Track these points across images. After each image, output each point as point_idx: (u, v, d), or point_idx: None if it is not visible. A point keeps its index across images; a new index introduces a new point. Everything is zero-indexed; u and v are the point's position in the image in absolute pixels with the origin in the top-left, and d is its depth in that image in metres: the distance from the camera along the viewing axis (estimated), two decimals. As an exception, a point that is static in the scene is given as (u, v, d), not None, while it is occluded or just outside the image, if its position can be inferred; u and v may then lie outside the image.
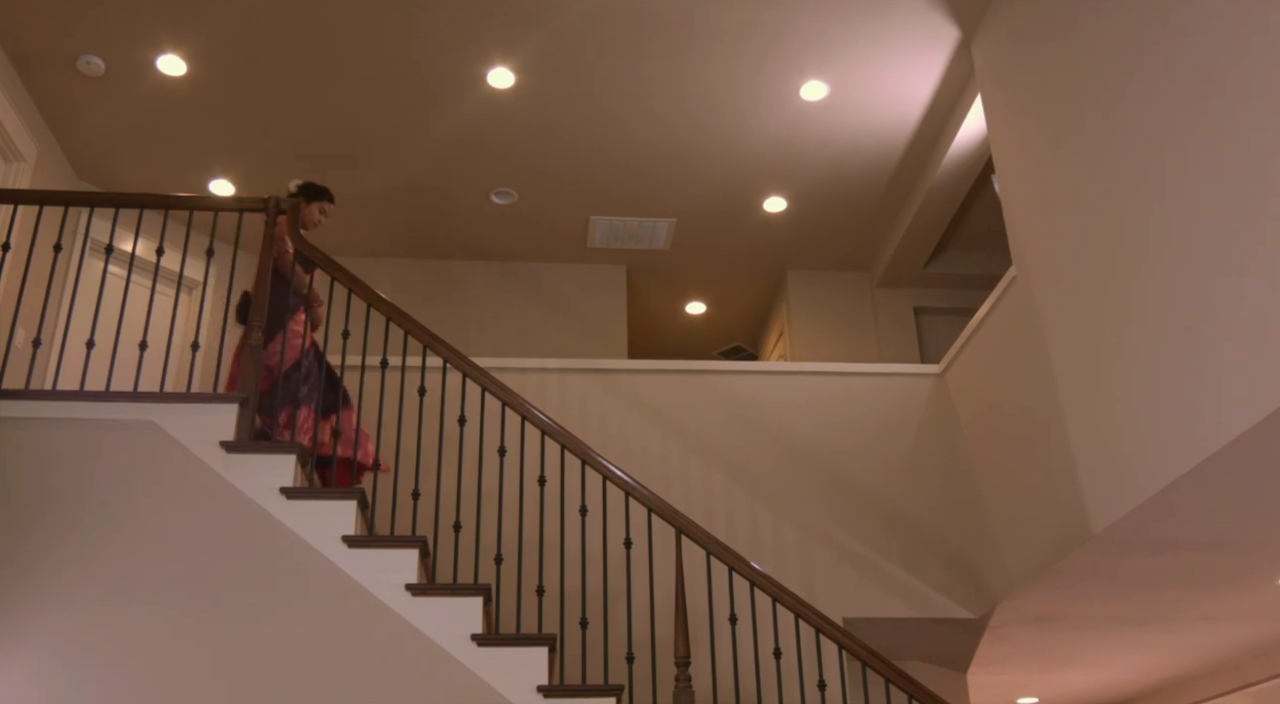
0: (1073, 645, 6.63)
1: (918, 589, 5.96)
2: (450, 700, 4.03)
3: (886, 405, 6.41)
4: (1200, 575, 5.29)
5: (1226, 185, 3.91)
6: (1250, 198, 3.78)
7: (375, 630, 4.09)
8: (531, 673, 4.13)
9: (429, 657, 4.08)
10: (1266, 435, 3.84)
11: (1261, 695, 6.86)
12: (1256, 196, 3.75)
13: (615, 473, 4.59)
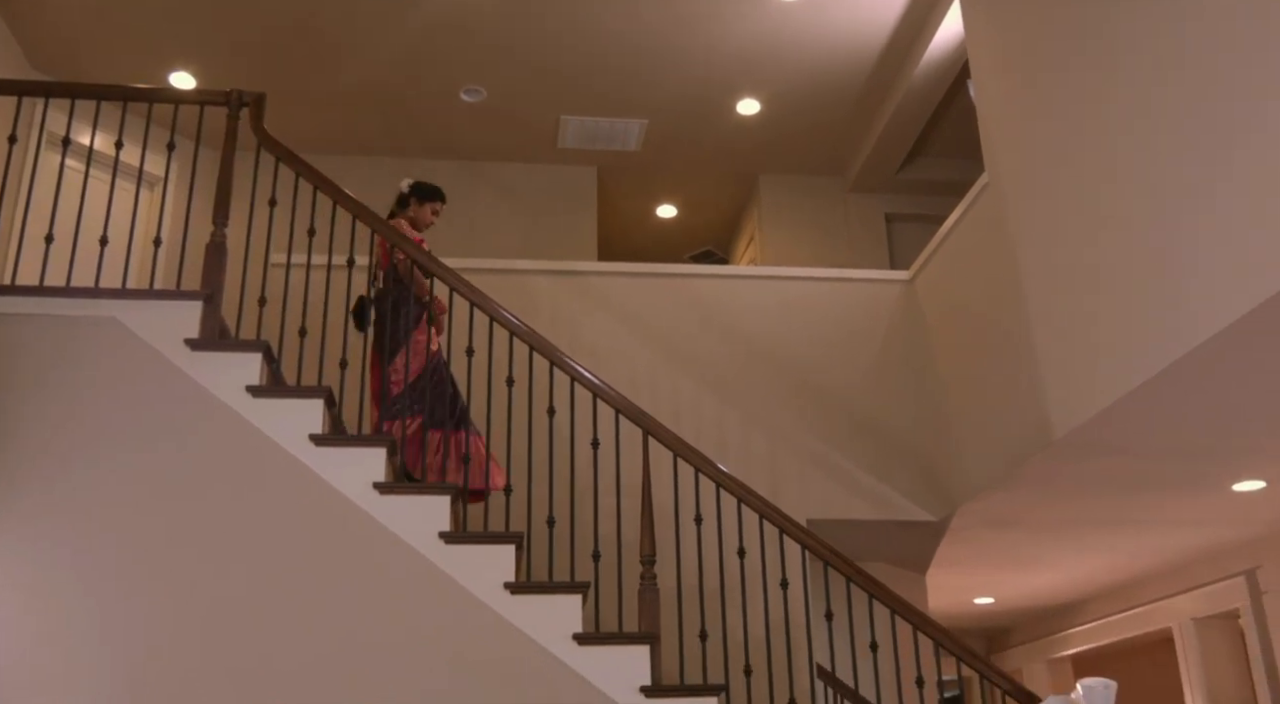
0: (1029, 548, 6.79)
1: (881, 492, 6.05)
2: (415, 596, 4.08)
3: (855, 310, 6.43)
4: (1157, 481, 5.41)
5: (1200, 97, 3.89)
6: (1222, 109, 3.77)
7: (343, 528, 4.12)
8: (499, 570, 4.18)
9: (395, 553, 4.11)
10: (1225, 346, 3.89)
11: (1209, 597, 7.07)
12: (1228, 108, 3.73)
13: (583, 374, 4.59)
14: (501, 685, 4.01)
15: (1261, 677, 6.52)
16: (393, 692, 3.93)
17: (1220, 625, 7.22)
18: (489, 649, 4.04)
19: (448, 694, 3.96)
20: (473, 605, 4.08)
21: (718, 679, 4.35)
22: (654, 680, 4.11)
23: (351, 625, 4.00)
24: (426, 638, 4.03)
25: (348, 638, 3.98)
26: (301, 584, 4.01)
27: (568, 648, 4.08)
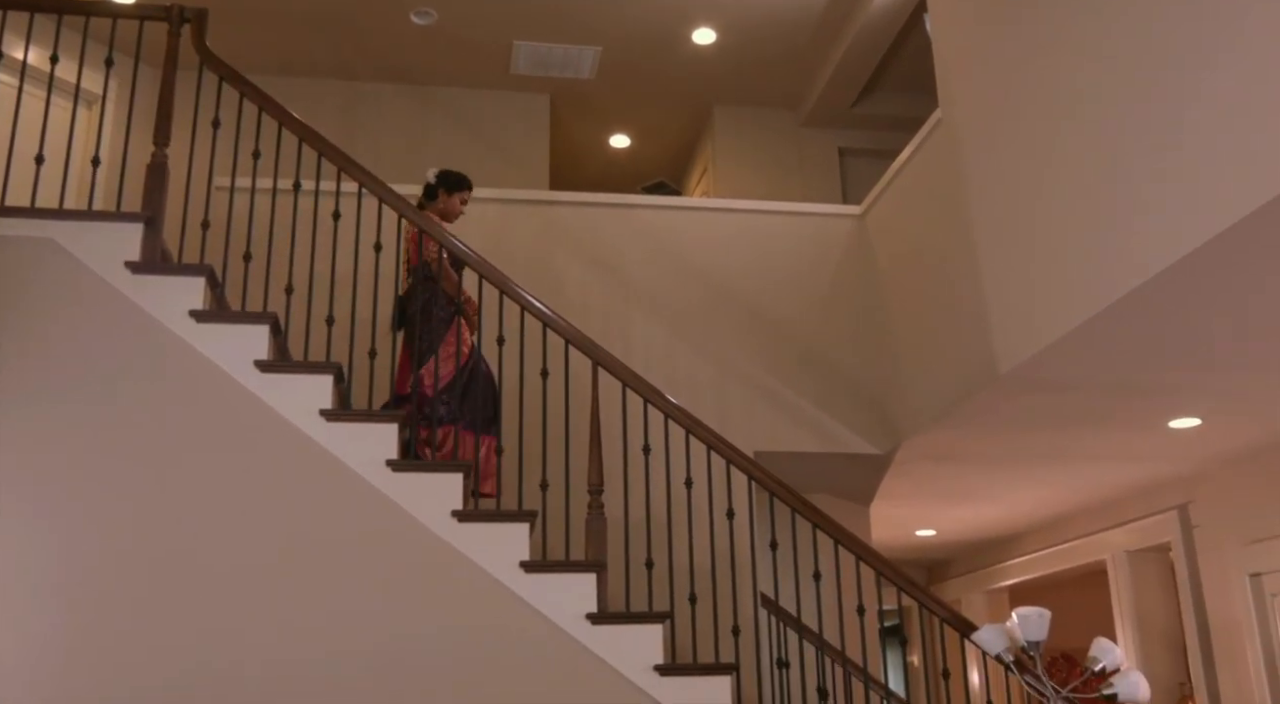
0: (970, 482, 6.92)
1: (827, 425, 6.12)
2: (363, 520, 4.08)
3: (806, 245, 6.44)
4: (1095, 417, 5.51)
5: (1154, 39, 3.90)
6: (1174, 53, 3.78)
7: (289, 453, 4.09)
8: (446, 499, 4.18)
9: (340, 479, 4.10)
10: (1165, 285, 3.95)
11: (1142, 531, 7.26)
12: (1180, 52, 3.74)
13: (533, 303, 4.57)
14: (448, 610, 4.04)
15: (1189, 607, 6.73)
16: (335, 607, 3.94)
17: (1151, 558, 7.44)
18: (438, 576, 4.06)
19: (391, 615, 3.98)
20: (420, 533, 4.09)
21: (663, 607, 4.40)
22: (600, 607, 4.16)
23: (289, 531, 3.99)
24: (373, 561, 4.04)
25: (285, 549, 3.98)
26: (238, 501, 3.99)
27: (515, 575, 4.11)
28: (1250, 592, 6.18)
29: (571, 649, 4.07)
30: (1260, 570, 6.14)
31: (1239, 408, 5.41)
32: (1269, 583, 6.09)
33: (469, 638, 4.03)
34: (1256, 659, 6.09)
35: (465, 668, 3.99)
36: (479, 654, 4.01)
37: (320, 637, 3.91)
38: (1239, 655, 6.27)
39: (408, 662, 3.97)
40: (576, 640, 4.08)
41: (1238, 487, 6.37)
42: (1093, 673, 4.42)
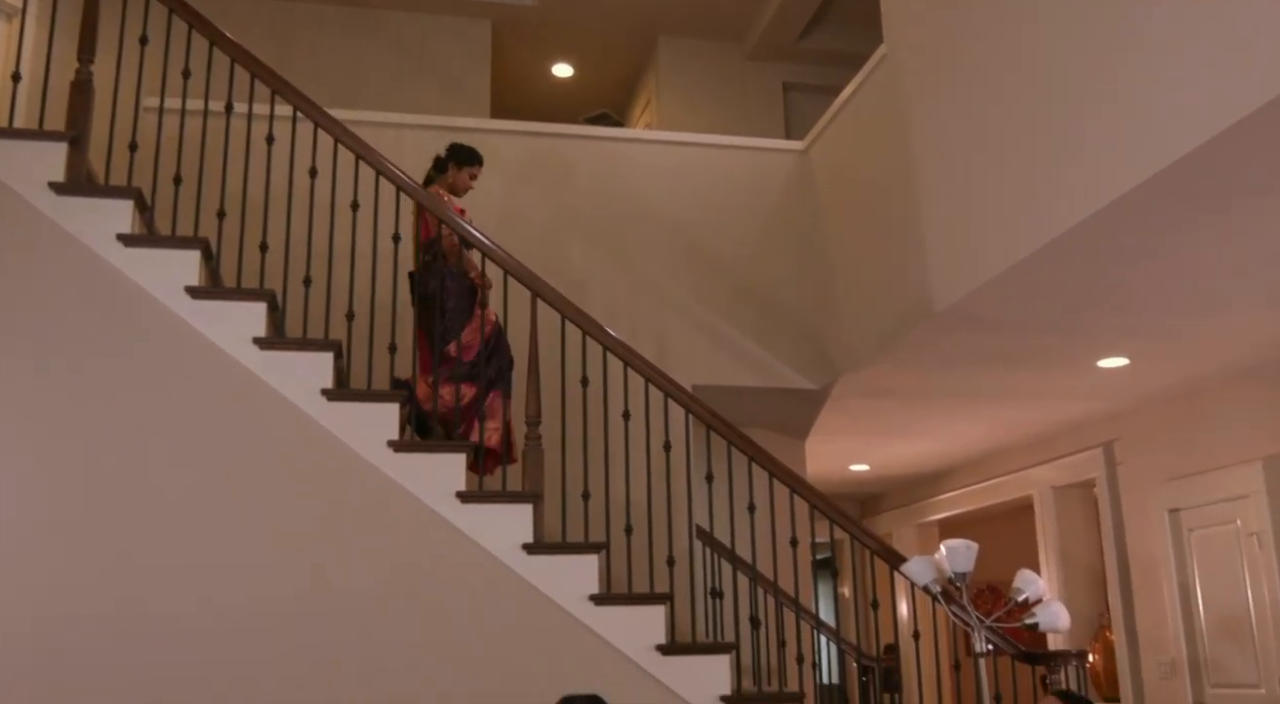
0: (904, 417, 7.02)
1: (765, 360, 6.16)
2: (297, 450, 4.05)
3: (749, 179, 6.42)
4: (1027, 355, 5.60)
5: (1099, -30, 3.90)
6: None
7: (219, 380, 4.04)
8: (383, 427, 4.16)
9: (276, 411, 4.06)
10: (1099, 226, 4.00)
11: (1068, 467, 7.44)
12: (1126, -17, 3.76)
13: (473, 233, 4.52)
14: (384, 539, 4.04)
15: (1110, 542, 6.93)
16: (261, 537, 3.93)
17: (1076, 494, 7.63)
18: (372, 505, 4.06)
19: (328, 544, 3.97)
20: (356, 462, 4.07)
21: (599, 537, 4.44)
22: (536, 537, 4.19)
23: (221, 458, 3.96)
24: (309, 492, 4.02)
25: (211, 469, 3.95)
26: (165, 429, 3.94)
27: (450, 505, 4.12)
28: (1169, 527, 6.37)
29: (507, 578, 4.09)
30: (1179, 506, 6.32)
31: (1165, 349, 5.53)
32: (1187, 518, 6.28)
33: (406, 567, 4.04)
34: (1172, 592, 6.30)
35: (402, 596, 4.00)
36: (415, 583, 4.03)
37: (255, 572, 3.90)
38: (1155, 588, 6.48)
39: (341, 589, 3.97)
40: (512, 570, 4.10)
41: (1160, 425, 6.53)
42: (1016, 603, 4.55)
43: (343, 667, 3.89)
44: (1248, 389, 5.87)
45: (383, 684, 3.90)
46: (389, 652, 3.94)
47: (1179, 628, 6.25)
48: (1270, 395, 5.74)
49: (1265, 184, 3.68)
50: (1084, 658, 4.96)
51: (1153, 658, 6.53)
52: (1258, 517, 5.74)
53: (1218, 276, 4.52)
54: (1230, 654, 5.94)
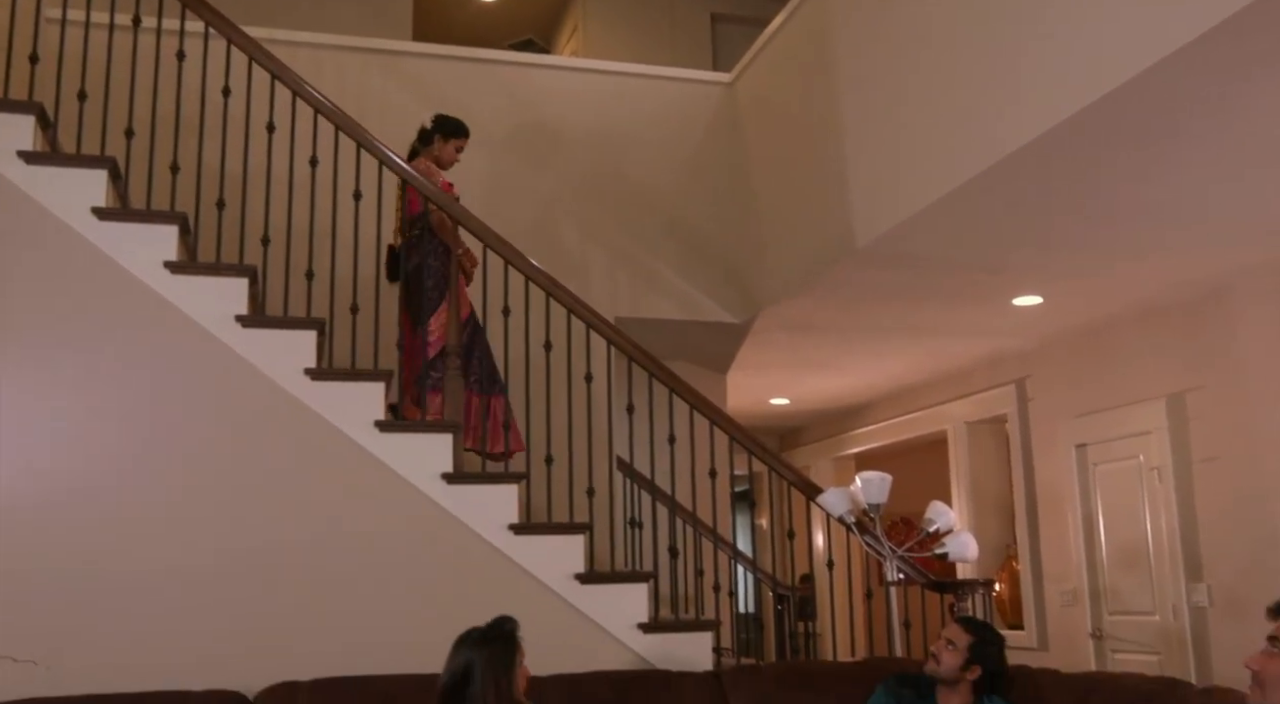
0: (824, 352, 7.10)
1: (688, 293, 6.17)
2: (209, 377, 3.98)
3: (674, 110, 6.37)
4: (945, 292, 5.68)
5: (1027, -94, 3.90)
6: (1047, -79, 3.79)
7: (130, 306, 3.93)
8: (299, 355, 4.09)
9: (188, 335, 3.97)
10: (1018, 164, 4.05)
11: (981, 403, 7.61)
12: (1053, -80, 3.76)
13: (393, 159, 4.43)
14: (303, 467, 4.00)
15: (1019, 475, 7.13)
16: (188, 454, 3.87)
17: (988, 429, 7.81)
18: (289, 432, 4.00)
19: (239, 466, 3.93)
20: (271, 390, 4.00)
21: (519, 468, 4.44)
22: (456, 467, 4.18)
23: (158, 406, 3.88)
24: (227, 421, 3.95)
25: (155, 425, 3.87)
26: (73, 359, 3.84)
27: (370, 435, 4.08)
28: (1075, 461, 6.56)
29: (427, 508, 4.08)
30: (1085, 441, 6.51)
31: (1077, 288, 5.65)
32: (1092, 453, 6.48)
33: (325, 497, 4.00)
34: (1076, 523, 6.52)
35: (324, 524, 3.98)
36: (332, 513, 4.00)
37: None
38: (1060, 520, 6.69)
39: (269, 522, 3.93)
40: (431, 499, 4.09)
41: (1070, 363, 6.70)
42: (927, 533, 4.66)
43: (283, 594, 3.90)
44: (1154, 329, 6.04)
45: (312, 610, 3.90)
46: (314, 579, 3.92)
47: (1081, 558, 6.47)
48: (1175, 335, 5.90)
49: (1180, 126, 3.75)
50: (990, 586, 5.12)
51: (1055, 587, 6.76)
52: (1159, 452, 5.94)
53: (1132, 217, 4.61)
54: (1128, 583, 6.17)
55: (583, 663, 3.97)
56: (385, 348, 4.36)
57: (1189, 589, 5.72)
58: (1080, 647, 6.40)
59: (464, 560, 4.07)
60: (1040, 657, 6.48)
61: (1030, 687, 3.77)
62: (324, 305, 4.31)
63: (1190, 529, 5.76)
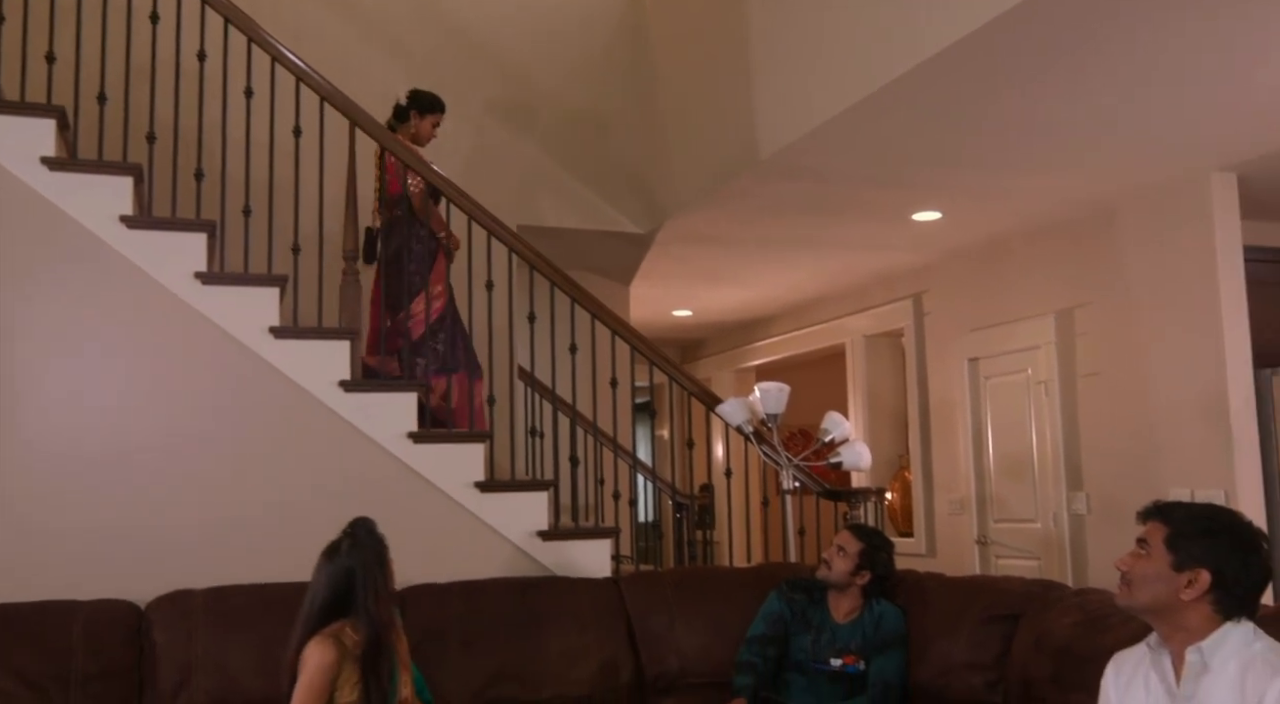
0: (727, 264, 7.13)
1: (592, 202, 6.11)
2: (99, 283, 3.84)
3: (579, 12, 6.23)
4: (846, 206, 5.73)
5: None
6: None
7: (10, 207, 3.76)
8: (189, 259, 3.97)
9: (76, 239, 3.82)
10: (923, 78, 4.06)
11: (879, 317, 7.75)
12: None
13: (286, 55, 4.26)
14: (193, 373, 3.90)
15: (914, 388, 7.31)
16: (69, 380, 3.74)
17: (885, 343, 7.97)
18: (178, 338, 3.90)
19: (124, 365, 3.82)
20: (160, 294, 3.88)
21: (419, 376, 4.39)
22: (353, 375, 4.12)
23: (19, 310, 3.73)
24: (112, 319, 3.83)
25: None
26: None
27: (263, 341, 3.99)
28: (967, 374, 6.74)
29: (324, 416, 4.02)
30: (978, 355, 6.69)
31: (975, 205, 5.74)
32: (984, 367, 6.66)
33: (221, 402, 3.92)
34: (966, 434, 6.72)
35: (228, 431, 3.90)
36: (234, 418, 3.92)
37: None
38: (951, 432, 6.89)
39: (158, 422, 3.84)
40: (328, 407, 4.03)
41: (966, 278, 6.84)
42: (822, 443, 4.76)
43: (176, 500, 3.84)
44: (1046, 246, 6.18)
45: (207, 518, 3.85)
46: (207, 484, 3.86)
47: (970, 468, 6.69)
48: (1066, 253, 6.05)
49: (1078, 45, 3.79)
50: (882, 495, 5.27)
51: (945, 496, 6.99)
52: (1047, 366, 6.13)
53: (1029, 135, 4.68)
54: (1012, 492, 6.41)
55: (483, 570, 4.00)
56: (280, 254, 4.23)
57: (1069, 498, 5.96)
58: (966, 553, 6.65)
59: (364, 469, 4.03)
60: (928, 562, 6.72)
61: (916, 590, 3.90)
62: (214, 207, 4.17)
63: (1072, 441, 5.98)
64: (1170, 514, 2.28)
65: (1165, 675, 2.24)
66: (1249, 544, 2.23)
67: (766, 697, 3.70)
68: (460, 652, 3.66)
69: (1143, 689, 2.27)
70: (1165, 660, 2.25)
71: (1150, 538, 2.26)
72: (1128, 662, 2.36)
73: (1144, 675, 2.29)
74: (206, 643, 3.44)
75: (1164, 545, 2.22)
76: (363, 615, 2.94)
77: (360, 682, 2.92)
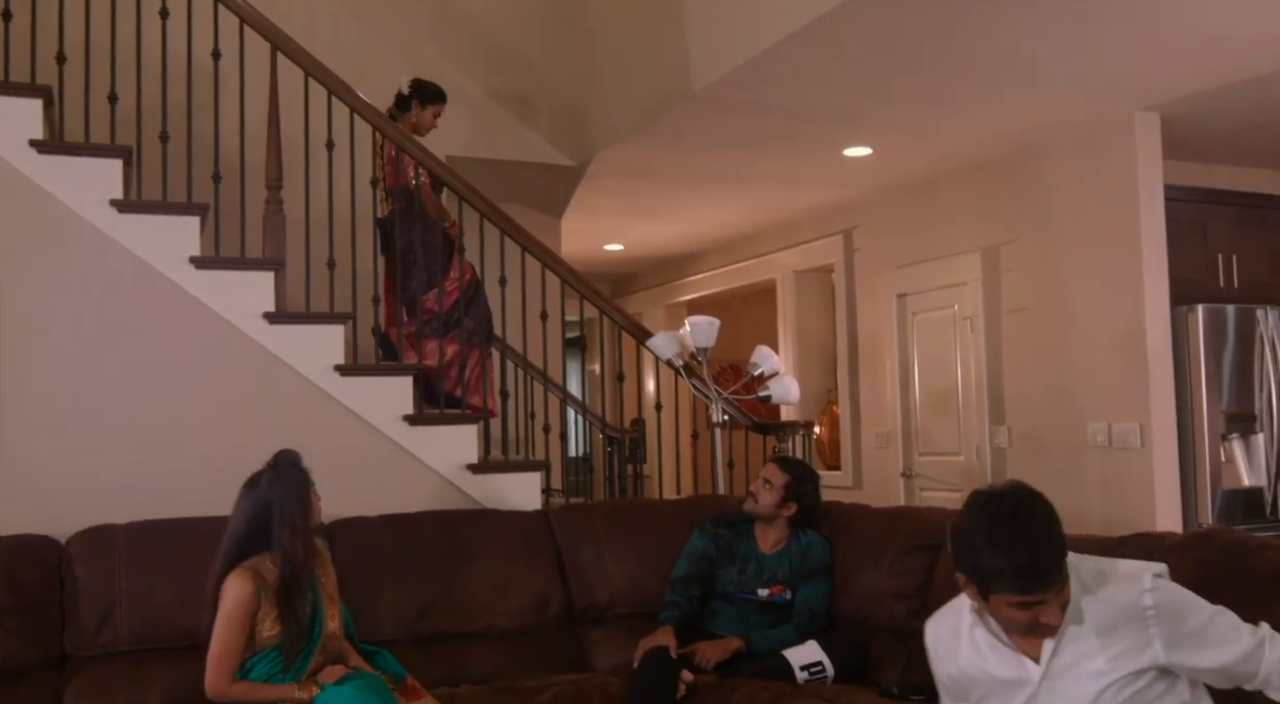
0: (660, 199, 7.09)
1: (522, 134, 6.03)
2: (6, 212, 3.70)
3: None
4: (778, 140, 5.71)
5: None
6: None
7: None
8: (104, 185, 3.84)
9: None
10: (854, 11, 4.03)
11: (809, 252, 7.78)
12: None
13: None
14: (111, 303, 3.80)
15: (843, 323, 7.38)
16: None
17: (815, 278, 8.02)
18: (94, 266, 3.79)
19: (40, 300, 3.71)
20: (75, 221, 3.76)
21: (345, 309, 4.31)
22: (278, 307, 4.04)
23: None
24: (21, 252, 3.71)
25: None
26: None
27: (183, 269, 3.90)
28: (895, 310, 6.82)
29: (249, 348, 3.95)
30: (906, 291, 6.76)
31: (906, 140, 5.76)
32: (911, 303, 6.74)
33: (135, 332, 3.82)
34: (893, 369, 6.82)
35: (139, 364, 3.81)
36: (154, 350, 3.83)
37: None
38: (879, 367, 6.98)
39: (80, 359, 3.74)
40: (253, 340, 3.96)
41: (895, 214, 6.88)
42: (752, 376, 4.80)
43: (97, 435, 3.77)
44: (974, 183, 6.23)
45: (128, 453, 3.78)
46: (128, 421, 3.79)
47: (896, 402, 6.80)
48: (993, 190, 6.12)
49: (1011, -21, 3.79)
50: (810, 429, 5.35)
51: (872, 429, 7.10)
52: (973, 302, 6.22)
53: (959, 70, 4.68)
54: (937, 426, 6.53)
55: (412, 503, 3.98)
56: (200, 183, 4.11)
57: (991, 431, 6.09)
58: (891, 485, 6.78)
59: (290, 403, 3.98)
60: (854, 495, 6.84)
61: (842, 521, 3.98)
62: (130, 132, 4.03)
63: (996, 376, 6.10)
64: None
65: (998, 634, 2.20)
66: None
67: (694, 626, 3.76)
68: (390, 585, 3.66)
69: (970, 647, 2.24)
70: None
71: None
72: (945, 627, 2.32)
73: (969, 637, 2.24)
74: (130, 578, 3.39)
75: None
76: (278, 550, 2.92)
77: (280, 615, 2.91)
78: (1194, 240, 5.52)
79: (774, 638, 3.65)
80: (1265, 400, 5.40)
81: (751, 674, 3.48)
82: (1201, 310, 5.29)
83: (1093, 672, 2.11)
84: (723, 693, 3.41)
